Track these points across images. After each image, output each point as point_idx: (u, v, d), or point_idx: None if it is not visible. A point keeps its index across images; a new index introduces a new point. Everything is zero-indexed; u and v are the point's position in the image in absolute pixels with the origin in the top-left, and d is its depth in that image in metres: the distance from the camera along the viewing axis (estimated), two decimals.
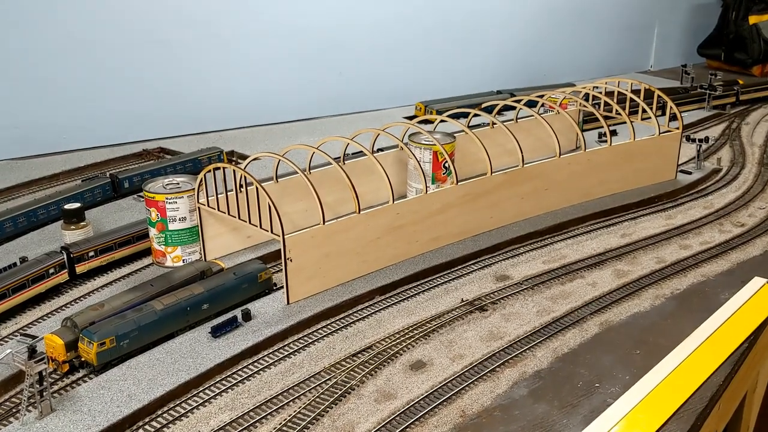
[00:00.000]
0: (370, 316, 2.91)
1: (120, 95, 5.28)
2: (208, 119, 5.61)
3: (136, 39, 5.24)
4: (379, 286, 3.09)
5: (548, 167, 3.77)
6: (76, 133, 5.16)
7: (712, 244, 3.55)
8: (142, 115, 5.37)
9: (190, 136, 5.48)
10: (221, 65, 5.65)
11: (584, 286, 3.14)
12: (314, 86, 6.06)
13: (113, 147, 5.19)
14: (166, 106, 5.47)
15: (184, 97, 5.52)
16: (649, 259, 3.40)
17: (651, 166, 4.20)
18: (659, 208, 4.00)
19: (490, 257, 3.41)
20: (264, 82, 5.86)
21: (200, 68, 5.57)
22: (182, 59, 5.46)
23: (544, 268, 3.32)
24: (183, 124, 5.50)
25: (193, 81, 5.56)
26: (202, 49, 5.54)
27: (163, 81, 5.44)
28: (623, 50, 8.12)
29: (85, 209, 4.02)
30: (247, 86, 5.79)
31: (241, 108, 5.75)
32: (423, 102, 6.05)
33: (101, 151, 5.11)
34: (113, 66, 5.18)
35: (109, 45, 5.12)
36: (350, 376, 2.50)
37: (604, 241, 3.60)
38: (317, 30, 5.96)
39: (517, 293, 3.08)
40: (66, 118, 5.12)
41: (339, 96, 6.18)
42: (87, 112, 5.18)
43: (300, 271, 2.92)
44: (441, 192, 3.41)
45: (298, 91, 5.99)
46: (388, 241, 3.21)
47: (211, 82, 5.64)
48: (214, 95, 5.65)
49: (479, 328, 2.82)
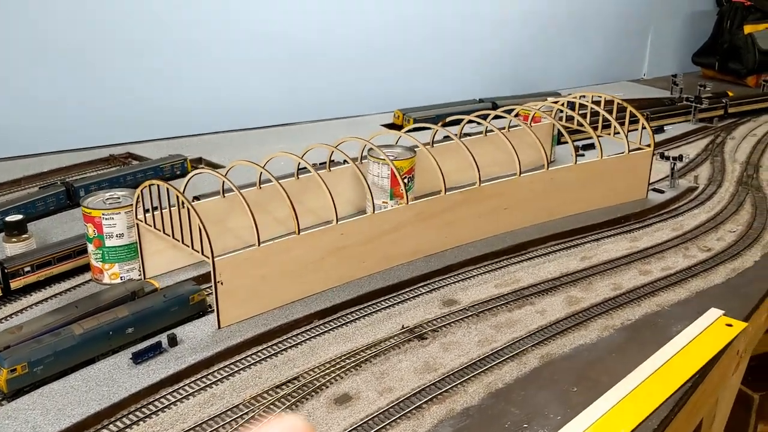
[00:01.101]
0: (304, 343, 2.80)
1: (90, 98, 5.21)
2: (182, 124, 5.52)
3: (107, 41, 5.16)
4: (318, 310, 2.98)
5: (508, 186, 3.65)
6: (42, 137, 5.08)
7: (674, 270, 3.42)
8: (113, 119, 5.29)
9: (161, 140, 5.39)
10: (197, 69, 5.57)
11: (532, 314, 3.03)
12: (293, 91, 5.97)
13: (80, 151, 5.10)
14: (137, 110, 5.39)
15: (157, 100, 5.43)
16: (606, 285, 3.28)
17: (620, 185, 4.08)
18: (625, 229, 3.88)
19: (440, 280, 3.30)
20: (241, 87, 5.77)
21: (174, 71, 5.49)
22: (156, 62, 5.38)
23: (495, 292, 3.20)
24: (154, 128, 5.41)
25: (167, 84, 5.47)
26: (178, 52, 5.45)
27: (136, 84, 5.36)
28: (616, 58, 7.98)
29: (37, 219, 3.94)
30: (224, 91, 5.70)
31: (216, 112, 5.66)
32: (401, 109, 5.94)
33: (68, 155, 5.02)
34: (83, 68, 5.10)
35: (79, 47, 5.04)
36: (269, 410, 2.40)
37: (562, 264, 3.48)
38: (296, 34, 5.86)
39: (462, 320, 2.97)
40: (33, 121, 5.04)
41: (319, 101, 6.07)
42: (55, 115, 5.10)
43: (232, 294, 2.82)
44: (391, 211, 3.30)
45: (276, 96, 5.90)
46: (331, 262, 3.11)
47: (186, 85, 5.56)
48: (188, 99, 5.57)
49: (415, 358, 2.71)
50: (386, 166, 3.71)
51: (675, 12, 8.28)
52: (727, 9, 7.74)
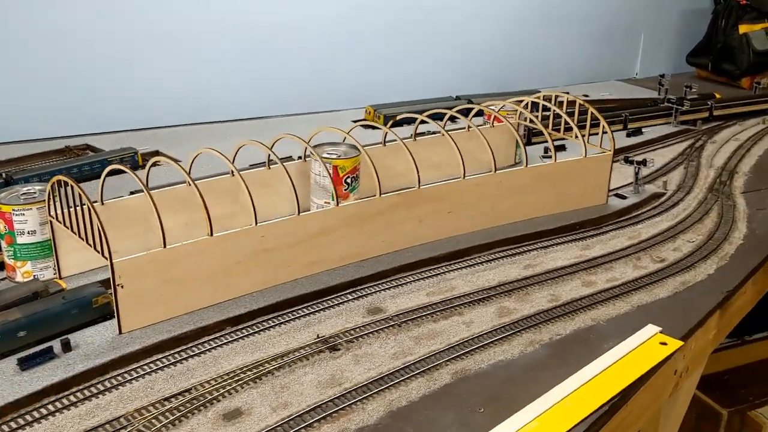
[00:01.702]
0: (209, 352, 2.66)
1: (48, 88, 5.08)
2: (143, 116, 5.39)
3: (67, 30, 5.03)
4: (231, 317, 2.84)
5: (451, 188, 3.49)
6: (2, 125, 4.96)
7: (619, 281, 3.25)
8: (71, 110, 5.17)
9: (121, 132, 5.26)
10: (160, 60, 5.43)
11: (458, 325, 2.87)
12: (260, 84, 5.82)
13: (36, 142, 4.99)
14: (97, 101, 5.26)
15: (118, 91, 5.31)
16: (543, 296, 3.11)
17: (577, 189, 3.90)
18: (578, 236, 3.70)
19: (370, 286, 3.14)
20: (206, 79, 5.63)
21: (137, 62, 5.35)
22: (118, 52, 5.25)
23: (425, 301, 3.05)
24: (114, 120, 5.28)
25: (129, 75, 5.34)
26: (140, 42, 5.31)
27: (96, 74, 5.23)
28: (606, 56, 7.76)
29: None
30: (188, 83, 5.56)
31: (179, 105, 5.53)
32: (373, 105, 5.78)
33: (22, 146, 4.90)
34: (40, 56, 4.98)
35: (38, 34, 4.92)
36: (150, 424, 2.25)
37: (503, 272, 3.32)
38: (265, 24, 5.71)
39: (382, 330, 2.82)
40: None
41: (288, 96, 5.93)
42: (10, 105, 4.98)
43: (135, 297, 2.68)
44: (318, 213, 3.15)
45: (243, 89, 5.76)
46: (251, 266, 2.96)
47: (149, 76, 5.42)
48: (150, 91, 5.43)
49: (322, 371, 2.56)
50: (328, 164, 3.55)
51: (669, 9, 8.04)
52: (723, 8, 7.50)
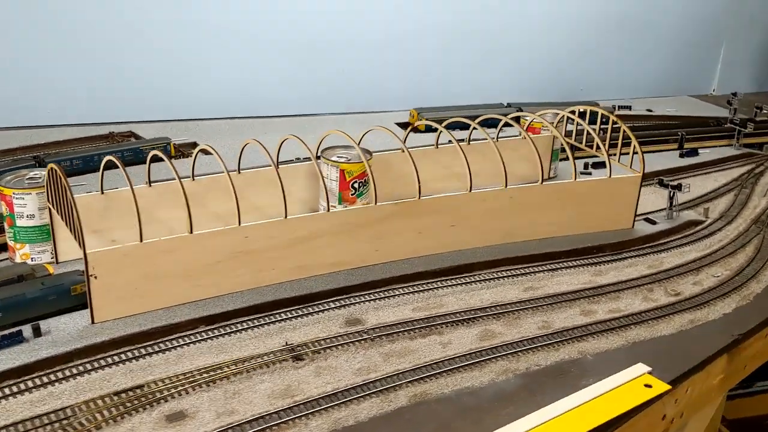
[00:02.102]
0: (175, 350, 2.66)
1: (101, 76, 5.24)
2: (189, 107, 5.49)
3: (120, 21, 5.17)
4: (206, 316, 2.83)
5: (455, 201, 3.36)
6: (49, 109, 5.16)
7: (622, 313, 3.04)
8: (121, 98, 5.32)
9: (166, 122, 5.38)
10: (210, 53, 5.50)
11: (434, 345, 2.76)
12: (306, 82, 5.82)
13: (87, 126, 5.16)
14: (147, 90, 5.39)
15: (166, 82, 5.41)
16: (535, 322, 2.95)
17: (600, 211, 3.69)
18: (593, 261, 3.50)
19: (355, 296, 3.07)
20: (254, 74, 5.66)
21: (187, 54, 5.45)
22: (168, 44, 5.35)
23: (408, 316, 2.95)
24: (161, 109, 5.40)
25: (178, 66, 5.44)
26: (193, 35, 5.41)
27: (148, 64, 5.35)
28: (680, 70, 7.35)
29: None
30: (236, 77, 5.61)
31: (225, 98, 5.59)
32: (418, 109, 5.69)
33: (73, 129, 5.09)
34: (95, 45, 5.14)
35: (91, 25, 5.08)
36: (93, 418, 2.27)
37: (500, 292, 3.17)
38: (315, 23, 5.70)
39: (353, 343, 2.74)
40: (43, 94, 5.12)
41: (332, 94, 5.90)
42: (65, 90, 5.17)
43: (109, 289, 2.71)
44: (307, 218, 3.10)
45: (288, 86, 5.77)
46: (232, 266, 2.94)
47: (198, 69, 5.51)
48: (198, 83, 5.52)
49: (280, 380, 2.51)
50: (335, 168, 3.50)
51: (754, 22, 7.52)
52: None
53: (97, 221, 3.20)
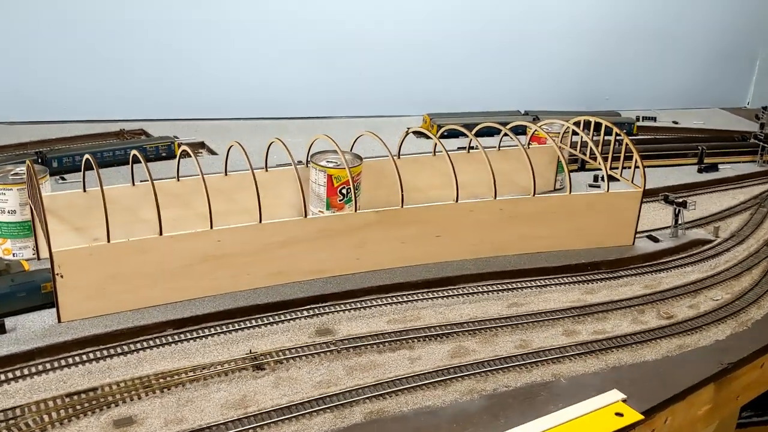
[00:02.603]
0: (137, 353, 2.63)
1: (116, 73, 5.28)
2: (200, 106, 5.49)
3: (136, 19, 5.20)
4: (175, 319, 2.80)
5: (440, 212, 3.27)
6: (63, 106, 5.21)
7: (606, 335, 2.91)
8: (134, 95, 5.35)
9: (177, 121, 5.39)
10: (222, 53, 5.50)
11: (402, 360, 2.67)
12: (319, 85, 5.77)
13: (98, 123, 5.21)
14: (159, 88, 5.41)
15: (178, 81, 5.43)
16: (512, 340, 2.85)
17: (597, 227, 3.55)
18: (586, 278, 3.37)
19: (330, 305, 3.00)
20: (267, 76, 5.63)
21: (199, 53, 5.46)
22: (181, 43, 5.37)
23: (381, 328, 2.87)
24: (172, 108, 5.42)
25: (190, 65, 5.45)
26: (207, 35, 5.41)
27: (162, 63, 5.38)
28: (713, 81, 7.09)
29: None
30: (247, 78, 5.59)
31: (236, 99, 5.58)
32: (431, 114, 5.61)
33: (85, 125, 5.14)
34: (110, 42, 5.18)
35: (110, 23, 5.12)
36: (40, 420, 2.24)
37: (482, 307, 3.07)
38: (331, 27, 5.65)
39: (318, 354, 2.67)
40: (64, 90, 5.17)
41: (346, 98, 5.84)
42: (84, 87, 5.21)
43: (76, 289, 2.70)
44: (283, 223, 3.04)
45: (301, 88, 5.72)
46: (204, 270, 2.91)
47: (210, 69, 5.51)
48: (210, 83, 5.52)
49: (236, 390, 2.46)
50: (323, 173, 3.45)
51: None
52: None
53: (79, 219, 3.20)
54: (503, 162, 3.91)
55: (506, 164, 3.90)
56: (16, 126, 4.99)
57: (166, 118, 5.39)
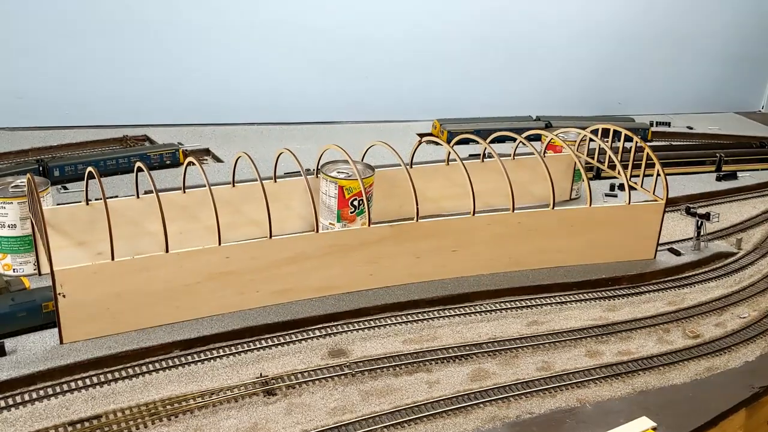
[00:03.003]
0: (142, 376, 2.51)
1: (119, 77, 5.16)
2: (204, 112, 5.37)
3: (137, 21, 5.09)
4: (183, 339, 2.68)
5: (457, 225, 3.15)
6: (76, 111, 5.09)
7: (632, 356, 2.79)
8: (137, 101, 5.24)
9: (181, 126, 5.28)
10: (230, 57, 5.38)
11: (420, 384, 2.55)
12: (326, 90, 5.64)
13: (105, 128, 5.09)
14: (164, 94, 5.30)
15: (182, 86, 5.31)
16: (534, 362, 2.73)
17: (618, 240, 3.43)
18: (607, 294, 3.25)
19: (343, 324, 2.89)
20: (271, 80, 5.51)
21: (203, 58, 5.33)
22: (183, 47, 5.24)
23: (397, 349, 2.75)
24: (175, 114, 5.31)
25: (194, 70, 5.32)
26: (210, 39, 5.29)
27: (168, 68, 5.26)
28: (726, 85, 6.96)
29: None
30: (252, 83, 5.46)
31: (241, 104, 5.46)
32: (440, 120, 5.49)
33: (87, 131, 5.03)
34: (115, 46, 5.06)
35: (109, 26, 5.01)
36: None
37: (501, 326, 2.95)
38: (337, 30, 5.53)
39: (332, 378, 2.56)
40: (68, 95, 5.06)
41: (354, 102, 5.72)
42: (89, 92, 5.10)
43: (79, 309, 2.58)
44: (293, 239, 2.92)
45: (307, 93, 5.60)
46: (212, 287, 2.79)
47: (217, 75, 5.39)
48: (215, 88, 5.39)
49: (247, 417, 2.34)
50: (333, 184, 3.33)
51: None
52: None
53: (83, 233, 3.08)
54: (518, 171, 3.80)
55: (521, 173, 3.79)
56: (18, 132, 4.88)
57: (170, 123, 5.28)
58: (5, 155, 4.39)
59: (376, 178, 3.44)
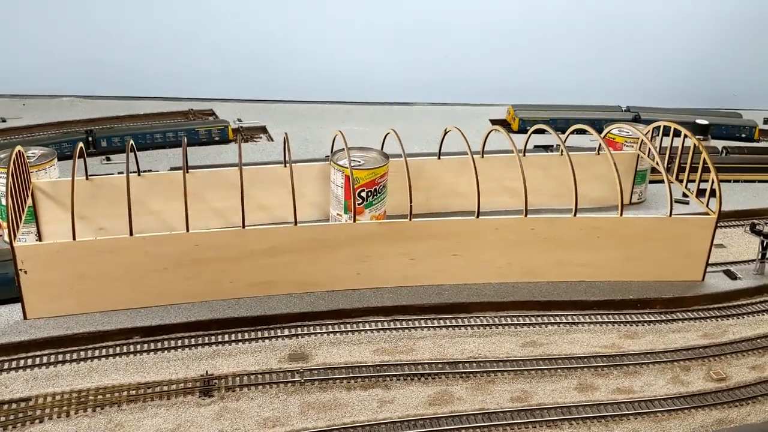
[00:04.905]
0: (91, 361, 2.47)
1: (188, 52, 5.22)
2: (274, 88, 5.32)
3: None
4: (144, 326, 2.62)
5: (458, 227, 2.87)
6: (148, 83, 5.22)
7: (629, 397, 2.41)
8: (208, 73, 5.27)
9: (245, 102, 5.26)
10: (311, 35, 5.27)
11: (370, 402, 2.34)
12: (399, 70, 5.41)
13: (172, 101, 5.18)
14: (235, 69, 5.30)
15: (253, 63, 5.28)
16: (510, 390, 2.42)
17: (657, 256, 3.00)
18: (630, 318, 2.85)
19: (315, 325, 2.72)
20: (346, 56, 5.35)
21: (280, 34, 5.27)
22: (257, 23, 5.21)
23: (364, 359, 2.55)
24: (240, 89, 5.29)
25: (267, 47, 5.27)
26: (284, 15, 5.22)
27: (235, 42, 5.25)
28: None
29: None
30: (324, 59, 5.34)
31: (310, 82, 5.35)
32: (515, 106, 5.11)
33: (155, 102, 5.13)
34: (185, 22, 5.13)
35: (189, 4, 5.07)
36: None
37: (491, 343, 2.66)
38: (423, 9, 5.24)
39: (279, 384, 2.40)
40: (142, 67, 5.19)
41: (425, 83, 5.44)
42: (159, 64, 5.20)
43: (42, 286, 2.57)
44: (269, 230, 2.76)
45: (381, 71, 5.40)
46: (182, 274, 2.70)
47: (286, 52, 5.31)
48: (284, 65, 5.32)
49: (172, 417, 2.24)
50: (340, 173, 3.14)
51: None
52: None
53: (83, 208, 3.09)
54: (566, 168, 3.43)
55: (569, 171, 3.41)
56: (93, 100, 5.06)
57: (235, 98, 5.27)
58: (58, 125, 4.53)
59: (397, 169, 3.21)
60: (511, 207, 3.40)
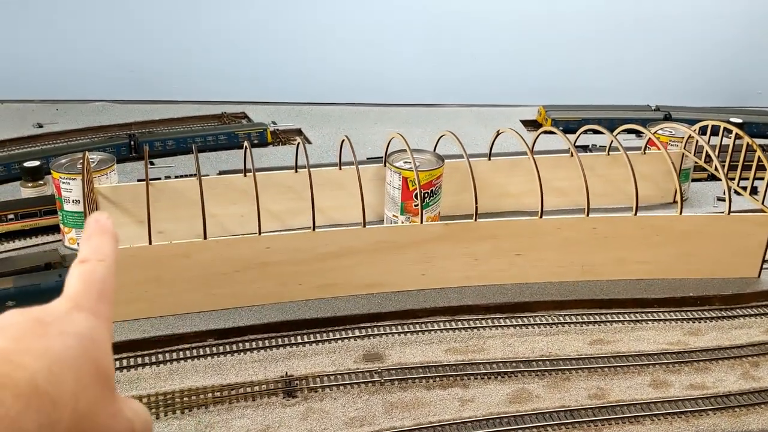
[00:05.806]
0: (170, 363, 2.49)
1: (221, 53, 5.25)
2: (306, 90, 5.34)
3: None
4: (218, 329, 2.64)
5: (521, 227, 2.89)
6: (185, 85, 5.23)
7: (705, 392, 2.45)
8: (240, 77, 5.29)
9: (279, 105, 5.28)
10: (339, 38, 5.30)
11: (451, 401, 2.36)
12: (428, 70, 5.45)
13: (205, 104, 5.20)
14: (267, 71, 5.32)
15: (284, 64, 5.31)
16: (586, 387, 2.45)
17: (713, 253, 3.03)
18: (692, 315, 2.88)
19: (386, 325, 2.73)
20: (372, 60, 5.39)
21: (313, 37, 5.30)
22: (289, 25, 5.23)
23: (437, 358, 2.57)
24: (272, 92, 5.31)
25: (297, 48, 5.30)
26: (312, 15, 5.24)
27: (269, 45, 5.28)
28: None
29: None
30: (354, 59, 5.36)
31: (342, 83, 5.39)
32: (546, 106, 5.14)
33: (188, 106, 5.15)
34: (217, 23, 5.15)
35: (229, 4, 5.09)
36: None
37: (559, 342, 2.69)
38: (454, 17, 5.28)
39: (359, 385, 2.42)
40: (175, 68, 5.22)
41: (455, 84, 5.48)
42: (198, 67, 5.22)
43: (117, 291, 2.57)
44: (339, 232, 2.78)
45: (407, 73, 5.43)
46: (252, 277, 2.72)
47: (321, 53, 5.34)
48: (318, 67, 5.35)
49: (260, 418, 2.26)
50: (398, 174, 3.16)
51: None
52: None
53: (142, 211, 3.10)
54: (615, 168, 3.48)
55: (619, 171, 3.45)
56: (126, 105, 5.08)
57: (268, 101, 5.29)
58: (99, 129, 4.55)
59: (449, 169, 3.24)
60: (560, 207, 3.42)
